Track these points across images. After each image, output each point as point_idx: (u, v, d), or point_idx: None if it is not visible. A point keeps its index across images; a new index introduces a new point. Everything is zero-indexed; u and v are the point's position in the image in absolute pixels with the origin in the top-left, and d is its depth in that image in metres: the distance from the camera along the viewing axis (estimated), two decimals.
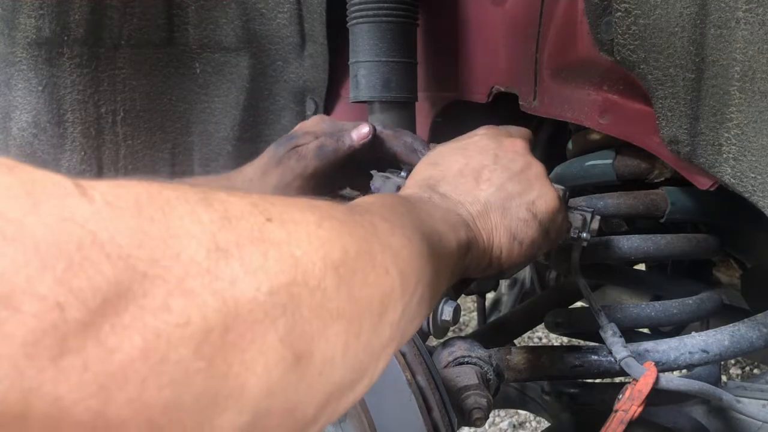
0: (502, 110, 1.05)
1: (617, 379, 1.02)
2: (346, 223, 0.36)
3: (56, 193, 0.23)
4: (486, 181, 0.63)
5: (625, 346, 0.79)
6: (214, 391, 0.24)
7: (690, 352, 0.83)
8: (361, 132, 0.85)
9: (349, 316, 0.32)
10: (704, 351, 0.82)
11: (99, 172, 1.26)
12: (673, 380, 0.78)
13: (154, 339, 0.23)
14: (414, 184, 0.64)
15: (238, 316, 0.25)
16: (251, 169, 0.85)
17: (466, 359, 0.83)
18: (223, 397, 0.25)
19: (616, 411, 0.75)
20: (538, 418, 2.15)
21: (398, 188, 0.77)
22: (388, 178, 0.80)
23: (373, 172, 0.83)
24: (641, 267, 1.29)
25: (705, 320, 1.01)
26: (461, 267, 0.57)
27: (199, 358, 0.24)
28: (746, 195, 0.70)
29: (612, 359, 0.80)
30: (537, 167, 0.67)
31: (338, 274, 0.32)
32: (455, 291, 0.82)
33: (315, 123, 0.88)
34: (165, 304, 0.23)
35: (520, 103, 1.00)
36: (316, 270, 0.30)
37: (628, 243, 0.91)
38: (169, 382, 0.23)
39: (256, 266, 0.27)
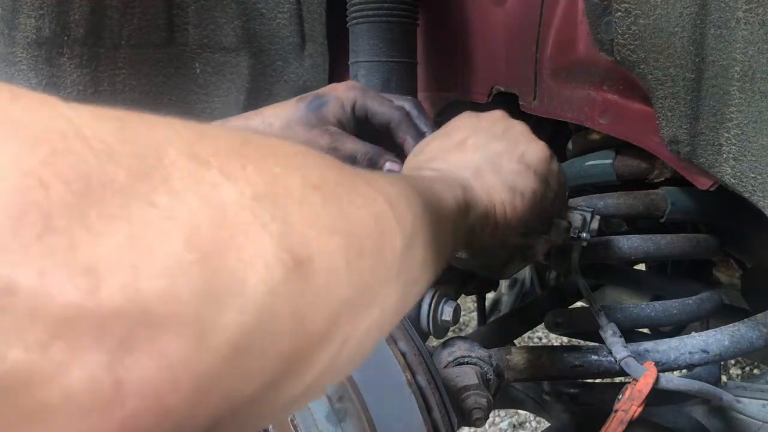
0: (502, 110, 1.05)
1: (617, 379, 1.02)
2: (326, 158, 0.35)
3: (41, 96, 0.23)
4: (471, 148, 0.64)
5: (625, 346, 0.79)
6: (212, 285, 0.24)
7: (690, 352, 0.83)
8: (395, 167, 0.84)
9: (345, 232, 0.31)
10: (704, 351, 0.82)
11: None
12: (673, 380, 0.78)
13: (141, 228, 0.22)
14: (415, 152, 0.66)
15: (226, 216, 0.25)
16: (272, 114, 0.83)
17: (466, 359, 0.83)
18: (223, 292, 0.24)
19: (616, 411, 0.75)
20: (538, 418, 2.15)
21: None
22: None
23: None
24: (641, 267, 1.29)
25: (705, 320, 1.01)
26: (464, 228, 0.56)
27: (191, 250, 0.23)
28: (746, 195, 0.70)
29: (612, 359, 0.80)
30: (519, 125, 0.69)
31: (321, 194, 0.31)
32: (455, 291, 0.82)
33: (346, 88, 0.84)
34: (150, 199, 0.23)
35: (520, 103, 1.00)
36: (296, 187, 0.30)
37: (628, 243, 0.91)
38: (162, 270, 0.22)
39: (237, 175, 0.27)
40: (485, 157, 0.64)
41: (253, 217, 0.26)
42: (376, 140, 0.82)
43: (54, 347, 0.20)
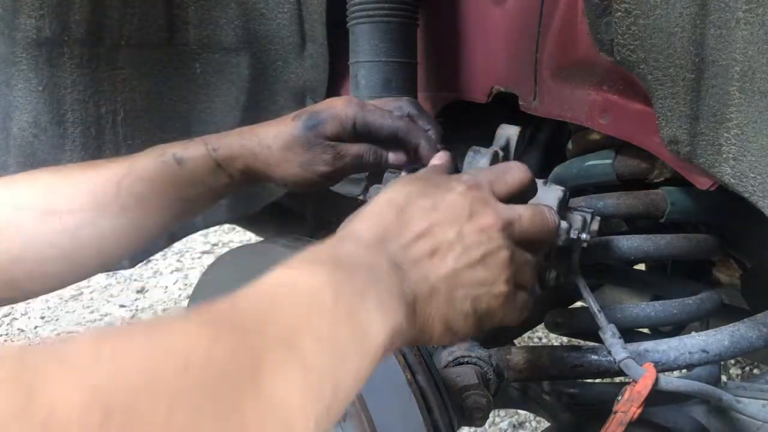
0: (502, 110, 1.05)
1: (617, 379, 1.02)
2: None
3: None
4: (442, 260, 0.57)
5: (624, 347, 0.79)
6: None
7: (690, 352, 0.83)
8: (399, 157, 0.84)
9: None
10: (704, 351, 0.82)
11: None
12: (673, 381, 0.78)
13: None
14: (371, 223, 0.57)
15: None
16: (268, 135, 0.82)
17: (466, 359, 0.84)
18: None
19: (616, 412, 0.75)
20: (538, 418, 2.15)
21: None
22: (379, 188, 0.80)
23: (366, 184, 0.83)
24: (641, 267, 1.29)
25: (705, 320, 1.01)
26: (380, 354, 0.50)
27: None
28: (746, 195, 0.70)
29: (612, 359, 0.80)
30: (502, 254, 0.60)
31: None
32: None
33: (344, 105, 0.82)
34: None
35: (520, 103, 1.00)
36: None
37: (628, 243, 0.91)
38: None
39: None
40: (447, 281, 0.57)
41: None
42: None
43: None
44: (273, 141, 0.81)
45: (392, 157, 0.84)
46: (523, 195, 0.67)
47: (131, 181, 0.79)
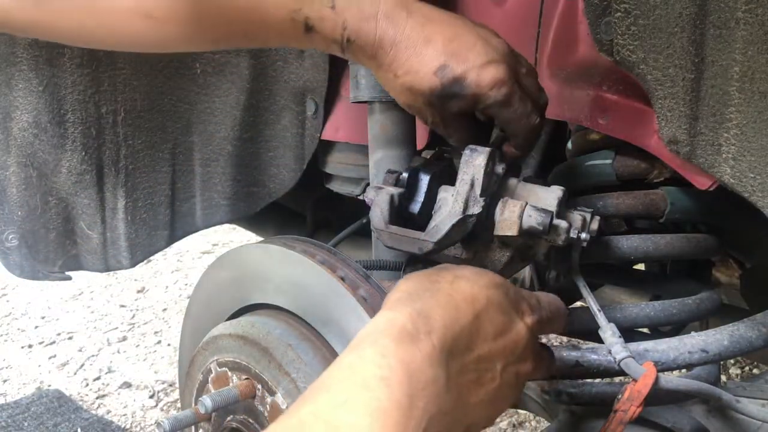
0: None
1: (617, 379, 1.02)
2: None
3: None
4: (474, 392, 0.59)
5: (624, 347, 0.79)
6: None
7: (689, 352, 0.83)
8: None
9: None
10: (704, 351, 0.82)
11: (99, 173, 1.26)
12: (673, 380, 0.78)
13: None
14: (448, 320, 0.57)
15: None
16: (404, 67, 0.73)
17: None
18: None
19: (616, 411, 0.75)
20: (537, 418, 2.15)
21: (391, 198, 0.77)
22: (380, 188, 0.80)
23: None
24: (641, 267, 1.30)
25: (704, 320, 1.01)
26: None
27: None
28: (746, 195, 0.70)
29: (612, 359, 0.80)
30: (512, 394, 0.64)
31: None
32: None
33: (493, 81, 0.73)
34: None
35: None
36: None
37: (628, 243, 0.91)
38: None
39: None
40: (469, 404, 0.58)
41: None
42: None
43: None
44: (404, 75, 0.74)
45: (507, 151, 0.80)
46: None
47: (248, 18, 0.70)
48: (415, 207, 0.79)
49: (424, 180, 0.79)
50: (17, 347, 2.86)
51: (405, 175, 0.79)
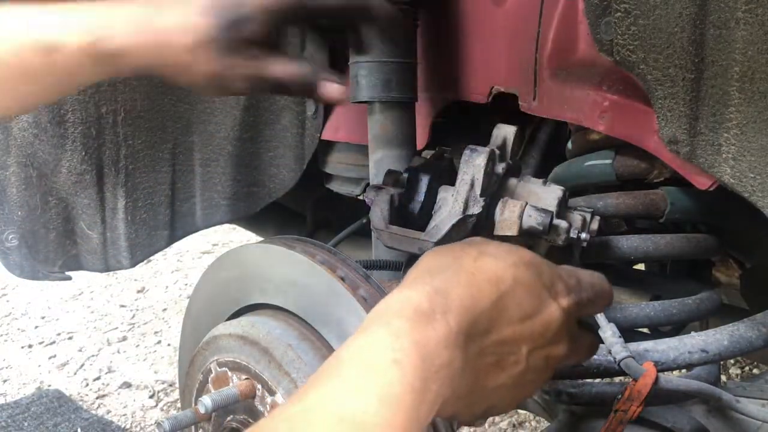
0: (502, 110, 1.05)
1: (617, 379, 1.02)
2: None
3: None
4: (495, 375, 0.56)
5: (624, 347, 0.79)
6: None
7: (689, 352, 0.83)
8: (337, 91, 0.68)
9: None
10: (703, 351, 0.83)
11: (99, 173, 1.26)
12: (673, 380, 0.78)
13: None
14: (467, 303, 0.53)
15: None
16: (172, 27, 0.62)
17: None
18: None
19: (616, 411, 0.75)
20: (537, 418, 2.15)
21: (391, 198, 0.76)
22: (380, 188, 0.79)
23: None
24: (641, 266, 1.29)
25: (705, 320, 1.01)
26: None
27: None
28: (746, 195, 0.70)
29: (612, 359, 0.80)
30: (539, 377, 0.60)
31: None
32: None
33: None
34: None
35: (520, 103, 1.00)
36: None
37: (628, 243, 0.91)
38: None
39: None
40: (489, 387, 0.56)
41: None
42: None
43: None
44: (177, 37, 0.62)
45: (330, 89, 0.67)
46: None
47: None
48: (415, 207, 0.79)
49: (424, 180, 0.79)
50: (17, 347, 2.86)
51: (405, 175, 0.80)
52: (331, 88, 0.66)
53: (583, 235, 0.79)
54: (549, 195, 0.79)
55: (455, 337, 0.51)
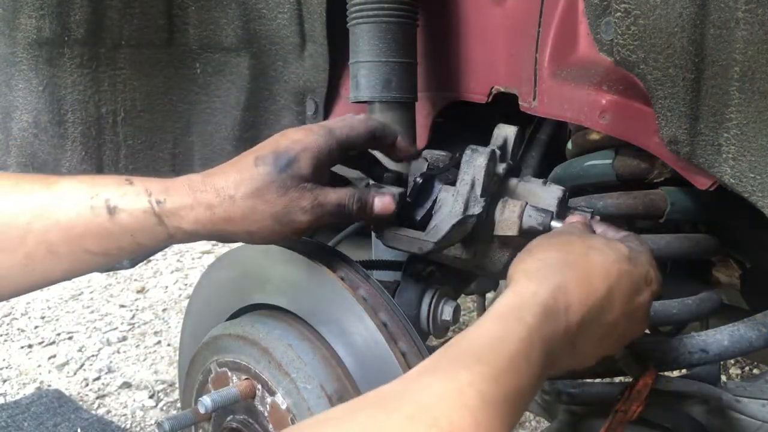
0: (502, 110, 1.06)
1: (617, 379, 1.02)
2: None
3: None
4: (597, 345, 0.65)
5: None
6: None
7: (689, 352, 0.83)
8: (386, 204, 0.74)
9: None
10: (703, 351, 0.83)
11: (99, 173, 1.26)
12: (673, 380, 0.78)
13: None
14: (584, 296, 0.62)
15: None
16: (230, 182, 0.68)
17: None
18: None
19: (616, 411, 0.75)
20: (537, 418, 2.15)
21: (391, 198, 0.75)
22: (381, 188, 0.78)
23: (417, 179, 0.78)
24: None
25: (705, 320, 1.01)
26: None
27: None
28: (746, 195, 0.70)
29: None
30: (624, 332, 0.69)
31: None
32: (455, 291, 0.82)
33: (307, 135, 0.71)
34: None
35: (520, 103, 1.00)
36: None
37: None
38: None
39: None
40: (586, 352, 0.64)
41: None
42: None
43: None
44: (236, 189, 0.68)
45: (379, 204, 0.74)
46: None
47: (45, 226, 0.66)
48: (421, 212, 0.78)
49: (437, 188, 0.79)
50: (17, 347, 2.86)
51: (419, 180, 0.78)
52: (381, 203, 0.75)
53: None
54: (549, 195, 0.79)
55: (574, 331, 0.60)
